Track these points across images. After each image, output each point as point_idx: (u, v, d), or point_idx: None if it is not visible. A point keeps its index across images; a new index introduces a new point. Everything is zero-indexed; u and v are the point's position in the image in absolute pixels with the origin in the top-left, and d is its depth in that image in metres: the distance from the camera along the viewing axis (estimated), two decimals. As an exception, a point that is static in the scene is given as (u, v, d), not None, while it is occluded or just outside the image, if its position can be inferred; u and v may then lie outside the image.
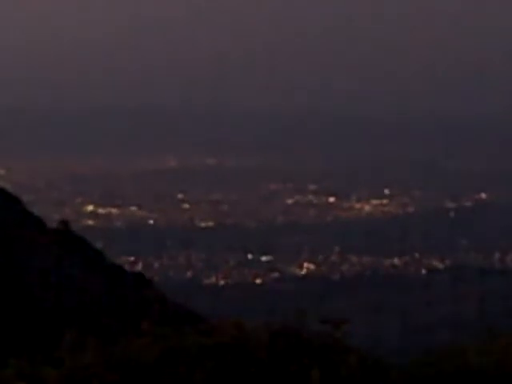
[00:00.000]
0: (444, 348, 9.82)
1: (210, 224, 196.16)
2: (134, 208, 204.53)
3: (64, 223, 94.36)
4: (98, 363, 8.49)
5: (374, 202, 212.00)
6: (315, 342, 8.68)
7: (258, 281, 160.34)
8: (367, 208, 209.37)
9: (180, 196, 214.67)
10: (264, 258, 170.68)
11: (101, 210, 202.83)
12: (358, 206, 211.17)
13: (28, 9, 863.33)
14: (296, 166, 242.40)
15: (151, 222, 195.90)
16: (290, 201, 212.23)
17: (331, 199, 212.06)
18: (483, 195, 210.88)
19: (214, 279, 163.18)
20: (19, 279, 72.81)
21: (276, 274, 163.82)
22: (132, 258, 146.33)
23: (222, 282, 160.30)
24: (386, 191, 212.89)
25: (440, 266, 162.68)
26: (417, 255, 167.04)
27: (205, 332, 8.88)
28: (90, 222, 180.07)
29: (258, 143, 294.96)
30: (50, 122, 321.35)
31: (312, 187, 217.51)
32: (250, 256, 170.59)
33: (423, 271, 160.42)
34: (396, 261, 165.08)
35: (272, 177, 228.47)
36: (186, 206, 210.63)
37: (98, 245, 75.19)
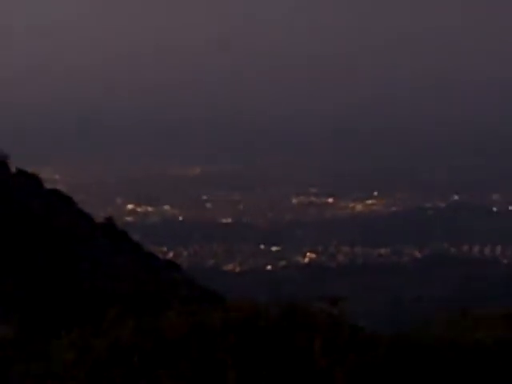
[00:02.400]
0: (425, 320, 9.57)
1: (229, 220, 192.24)
2: (167, 207, 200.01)
3: (109, 219, 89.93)
4: (136, 335, 8.37)
5: (367, 201, 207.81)
6: (317, 318, 8.67)
7: (269, 267, 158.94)
8: (359, 207, 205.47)
9: (204, 197, 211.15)
10: (273, 249, 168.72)
11: (139, 209, 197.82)
12: (351, 205, 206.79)
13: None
14: (301, 172, 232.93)
15: (181, 218, 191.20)
16: (294, 201, 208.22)
17: (330, 200, 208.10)
18: (456, 197, 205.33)
19: (231, 266, 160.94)
20: (74, 266, 71.07)
21: (283, 262, 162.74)
22: (165, 249, 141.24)
23: (238, 269, 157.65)
24: (375, 193, 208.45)
25: (418, 255, 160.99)
26: (399, 246, 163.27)
27: (225, 309, 8.79)
28: (130, 219, 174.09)
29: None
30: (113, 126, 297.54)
31: (313, 190, 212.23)
32: (261, 247, 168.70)
33: (405, 258, 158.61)
34: (382, 250, 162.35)
35: (280, 182, 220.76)
36: (209, 205, 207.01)
37: (136, 237, 74.94)
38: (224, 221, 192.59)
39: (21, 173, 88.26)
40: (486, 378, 8.53)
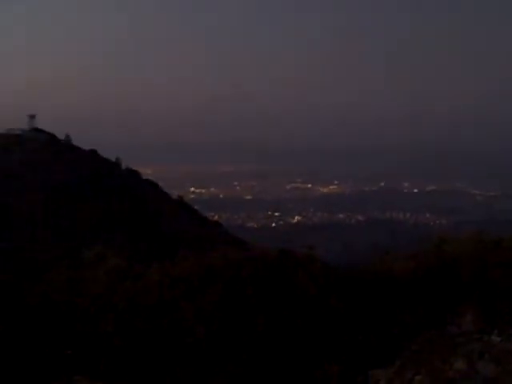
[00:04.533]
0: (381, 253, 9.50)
1: (250, 197, 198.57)
2: (213, 189, 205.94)
3: (180, 196, 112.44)
4: (192, 267, 8.37)
5: (331, 187, 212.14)
6: (299, 257, 8.58)
7: (273, 225, 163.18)
8: (325, 190, 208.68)
9: (235, 183, 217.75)
10: (276, 214, 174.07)
11: (197, 190, 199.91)
12: (323, 189, 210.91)
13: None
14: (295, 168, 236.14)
15: (221, 196, 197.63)
16: (288, 186, 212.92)
17: (309, 185, 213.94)
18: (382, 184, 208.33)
19: (251, 224, 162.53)
20: (160, 224, 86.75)
21: (281, 222, 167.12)
22: (212, 214, 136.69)
23: (255, 225, 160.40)
24: (336, 181, 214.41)
25: (361, 218, 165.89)
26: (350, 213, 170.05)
27: (246, 250, 9.20)
28: (192, 196, 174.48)
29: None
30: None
31: (299, 179, 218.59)
32: (269, 213, 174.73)
33: (353, 221, 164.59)
34: (341, 215, 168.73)
35: (284, 176, 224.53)
36: (238, 188, 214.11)
37: (196, 207, 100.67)
38: (247, 197, 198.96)
39: (128, 169, 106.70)
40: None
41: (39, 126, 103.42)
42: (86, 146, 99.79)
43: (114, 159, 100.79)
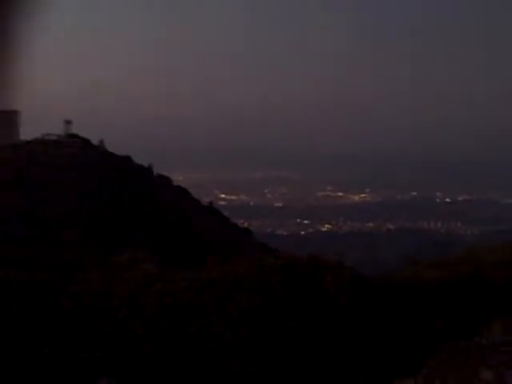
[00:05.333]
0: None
1: (280, 205, 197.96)
2: (243, 196, 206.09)
3: (210, 203, 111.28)
4: (221, 272, 8.31)
5: (362, 195, 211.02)
6: (329, 263, 8.57)
7: (302, 233, 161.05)
8: (356, 198, 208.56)
9: (266, 191, 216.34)
10: (306, 222, 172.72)
11: (227, 197, 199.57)
12: (354, 197, 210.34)
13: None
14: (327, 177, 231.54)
15: (252, 203, 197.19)
16: (319, 194, 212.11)
17: (340, 193, 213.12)
18: (414, 193, 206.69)
19: (282, 231, 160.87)
20: (191, 229, 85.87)
21: (311, 230, 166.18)
22: (242, 221, 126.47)
23: (285, 233, 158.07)
24: (367, 190, 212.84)
25: (392, 227, 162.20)
26: (380, 221, 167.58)
27: (276, 257, 8.91)
28: (222, 203, 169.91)
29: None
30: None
31: (329, 187, 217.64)
32: (298, 220, 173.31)
33: (384, 230, 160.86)
34: (371, 224, 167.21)
35: (316, 184, 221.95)
36: (269, 195, 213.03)
37: (226, 214, 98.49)
38: (278, 205, 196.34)
39: (159, 175, 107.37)
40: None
41: (75, 131, 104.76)
42: (120, 152, 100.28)
43: (146, 165, 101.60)
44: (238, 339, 7.12)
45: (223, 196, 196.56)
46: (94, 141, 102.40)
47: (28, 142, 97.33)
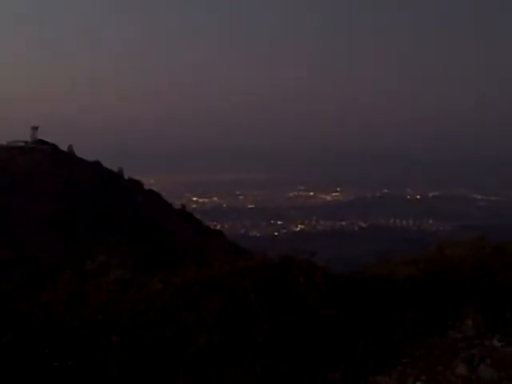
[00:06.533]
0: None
1: (252, 206, 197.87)
2: (215, 198, 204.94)
3: (182, 206, 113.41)
4: (196, 276, 8.18)
5: (333, 194, 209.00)
6: (301, 263, 8.49)
7: (276, 234, 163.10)
8: (328, 198, 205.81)
9: (237, 192, 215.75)
10: (279, 222, 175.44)
11: (199, 200, 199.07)
12: (325, 196, 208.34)
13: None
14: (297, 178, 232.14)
15: (224, 205, 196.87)
16: (291, 194, 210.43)
17: (311, 193, 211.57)
18: (385, 190, 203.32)
19: (254, 233, 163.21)
20: (163, 234, 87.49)
21: (284, 230, 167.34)
22: (214, 223, 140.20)
23: (258, 234, 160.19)
24: (338, 189, 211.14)
25: (364, 225, 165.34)
26: (352, 219, 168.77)
27: (248, 259, 8.78)
28: (194, 205, 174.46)
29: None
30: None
31: (301, 187, 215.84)
32: (272, 221, 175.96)
33: (356, 228, 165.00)
34: (344, 223, 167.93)
35: (287, 184, 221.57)
36: (242, 197, 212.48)
37: (198, 216, 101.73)
38: (250, 206, 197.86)
39: (130, 179, 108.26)
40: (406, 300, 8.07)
41: (42, 138, 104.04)
42: (89, 157, 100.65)
43: (116, 169, 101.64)
44: (211, 343, 6.99)
45: (195, 199, 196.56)
46: (63, 147, 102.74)
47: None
